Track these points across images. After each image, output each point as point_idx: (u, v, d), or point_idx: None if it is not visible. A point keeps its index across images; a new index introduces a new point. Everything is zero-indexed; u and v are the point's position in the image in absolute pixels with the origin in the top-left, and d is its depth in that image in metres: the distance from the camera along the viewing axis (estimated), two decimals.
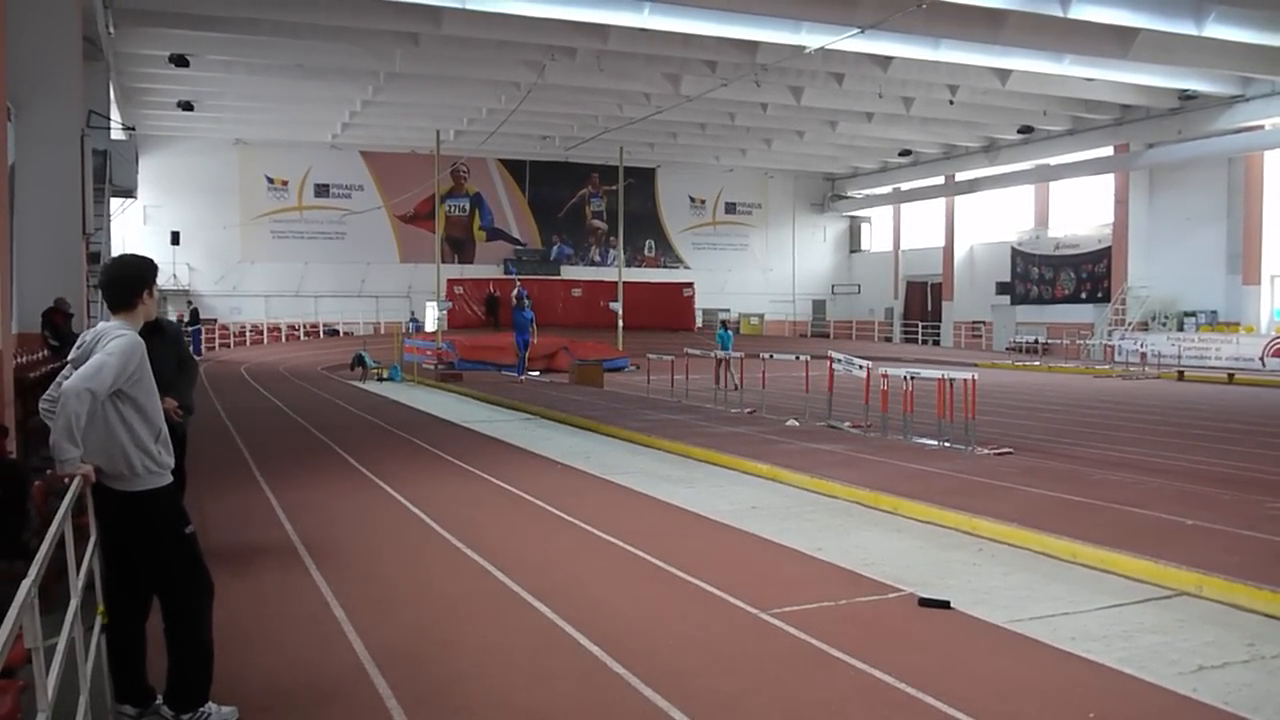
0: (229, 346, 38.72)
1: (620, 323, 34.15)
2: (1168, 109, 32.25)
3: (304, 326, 41.74)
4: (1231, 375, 26.42)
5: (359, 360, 27.14)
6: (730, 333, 24.96)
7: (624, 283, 35.23)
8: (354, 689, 4.54)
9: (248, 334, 40.33)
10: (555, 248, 46.95)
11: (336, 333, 41.78)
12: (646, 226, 47.63)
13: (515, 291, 27.85)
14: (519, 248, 46.19)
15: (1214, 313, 33.53)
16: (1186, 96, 30.83)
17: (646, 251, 48.02)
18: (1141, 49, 23.98)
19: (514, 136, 38.35)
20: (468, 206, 45.30)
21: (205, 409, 17.13)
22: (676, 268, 48.21)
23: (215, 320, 40.02)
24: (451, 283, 40.11)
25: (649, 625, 5.48)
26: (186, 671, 4.10)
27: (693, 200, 48.92)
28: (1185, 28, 22.56)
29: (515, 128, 35.58)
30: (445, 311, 33.63)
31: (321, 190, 42.88)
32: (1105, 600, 5.98)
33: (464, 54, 26.87)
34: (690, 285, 45.42)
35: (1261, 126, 30.89)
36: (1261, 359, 29.10)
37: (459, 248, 44.78)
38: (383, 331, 39.42)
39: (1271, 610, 5.62)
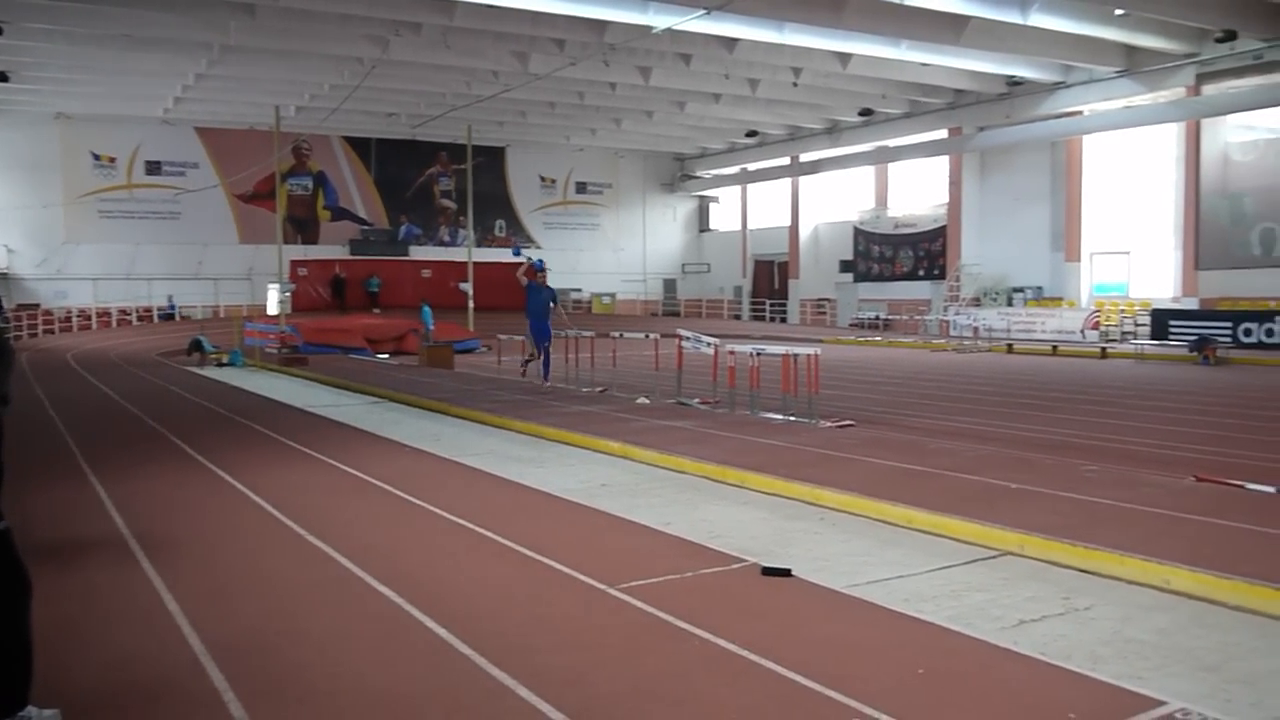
0: (54, 333, 36.57)
1: (471, 304, 33.85)
2: (996, 94, 33.78)
3: (137, 311, 39.76)
4: (1055, 347, 28.02)
5: (196, 345, 26.03)
6: (430, 309, 29.27)
7: (474, 263, 34.93)
8: (189, 684, 4.38)
9: (74, 319, 38.20)
10: (403, 228, 46.02)
11: (172, 316, 39.96)
12: (496, 206, 47.15)
13: (531, 264, 18.75)
14: (365, 228, 45.06)
15: (1040, 288, 35.41)
16: (1013, 82, 32.37)
17: (497, 231, 47.55)
18: (972, 36, 25.09)
19: (358, 114, 37.39)
20: (311, 185, 43.92)
21: (26, 398, 16.21)
22: (528, 247, 47.83)
23: (38, 305, 37.77)
24: (295, 264, 38.96)
25: (498, 605, 5.47)
26: (2, 674, 3.87)
27: (543, 180, 48.65)
28: (1012, 16, 23.70)
29: (360, 104, 34.70)
30: (289, 294, 32.59)
31: (153, 168, 40.82)
32: (937, 562, 6.27)
33: (304, 27, 25.96)
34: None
35: (1080, 112, 32.70)
36: (1082, 331, 30.90)
37: (302, 228, 43.37)
38: (222, 315, 37.93)
39: (1085, 565, 6.00)
